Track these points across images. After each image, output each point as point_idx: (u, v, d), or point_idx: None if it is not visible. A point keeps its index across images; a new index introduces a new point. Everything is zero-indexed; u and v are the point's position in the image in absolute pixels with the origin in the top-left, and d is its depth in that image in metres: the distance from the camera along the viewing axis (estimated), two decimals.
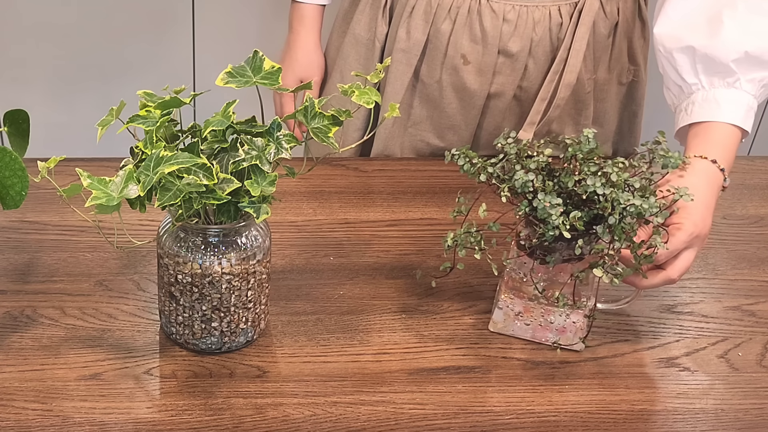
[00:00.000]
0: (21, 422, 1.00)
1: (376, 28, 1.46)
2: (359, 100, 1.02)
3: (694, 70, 1.22)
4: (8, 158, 0.99)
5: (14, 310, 1.14)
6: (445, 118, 1.49)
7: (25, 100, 2.16)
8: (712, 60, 1.21)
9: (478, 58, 1.42)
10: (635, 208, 1.01)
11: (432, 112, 1.49)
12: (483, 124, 1.51)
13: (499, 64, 1.43)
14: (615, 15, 1.44)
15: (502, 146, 1.09)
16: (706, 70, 1.22)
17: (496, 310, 1.14)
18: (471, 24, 1.41)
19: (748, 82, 1.20)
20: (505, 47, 1.41)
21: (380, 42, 1.47)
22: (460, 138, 1.51)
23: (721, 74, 1.21)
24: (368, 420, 1.03)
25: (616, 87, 1.52)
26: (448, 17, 1.41)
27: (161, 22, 2.27)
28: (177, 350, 1.09)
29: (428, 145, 1.53)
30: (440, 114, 1.49)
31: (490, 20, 1.40)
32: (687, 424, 1.05)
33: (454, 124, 1.50)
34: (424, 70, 1.46)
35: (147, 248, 1.22)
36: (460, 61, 1.43)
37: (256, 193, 0.96)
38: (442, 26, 1.42)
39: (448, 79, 1.45)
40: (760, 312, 1.21)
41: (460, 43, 1.42)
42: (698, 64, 1.22)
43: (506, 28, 1.40)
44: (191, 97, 1.01)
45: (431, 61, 1.45)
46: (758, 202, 1.43)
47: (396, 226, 1.33)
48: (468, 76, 1.44)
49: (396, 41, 1.44)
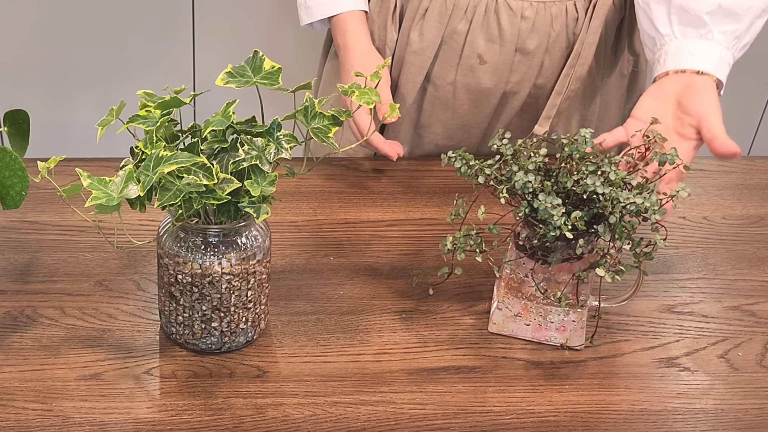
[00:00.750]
0: (21, 422, 1.00)
1: (386, 35, 1.45)
2: (359, 100, 1.02)
3: (669, 21, 1.25)
4: (8, 158, 0.99)
5: (14, 310, 1.14)
6: (457, 119, 1.49)
7: (25, 100, 2.16)
8: (686, 12, 1.24)
9: (494, 57, 1.42)
10: (636, 207, 1.01)
11: (443, 114, 1.49)
12: (495, 123, 1.50)
13: (516, 63, 1.42)
14: (623, 6, 1.44)
15: (497, 147, 1.09)
16: (681, 21, 1.24)
17: (495, 311, 1.14)
18: (488, 23, 1.40)
19: (720, 34, 1.23)
20: (522, 45, 1.41)
21: (390, 48, 1.46)
22: (470, 137, 1.51)
23: (694, 25, 1.24)
24: (368, 420, 1.03)
25: (618, 80, 1.52)
26: (465, 17, 1.40)
27: (161, 22, 2.27)
28: (177, 350, 1.09)
29: (437, 146, 1.52)
30: (451, 115, 1.48)
31: (508, 18, 1.39)
32: (687, 424, 1.05)
33: (464, 124, 1.49)
34: (437, 72, 1.45)
35: (147, 248, 1.22)
36: (476, 61, 1.42)
37: (256, 193, 0.96)
38: (459, 26, 1.41)
39: (462, 80, 1.44)
40: (760, 312, 1.21)
41: (477, 42, 1.41)
42: (673, 15, 1.25)
43: (524, 26, 1.40)
44: (191, 97, 1.01)
45: (445, 63, 1.44)
46: (758, 202, 1.43)
47: (396, 226, 1.33)
48: (483, 76, 1.43)
49: (408, 44, 1.43)
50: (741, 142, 1.21)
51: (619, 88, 1.53)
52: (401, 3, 1.44)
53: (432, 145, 1.52)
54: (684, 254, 1.31)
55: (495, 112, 1.48)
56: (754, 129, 2.49)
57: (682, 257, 1.30)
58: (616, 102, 1.54)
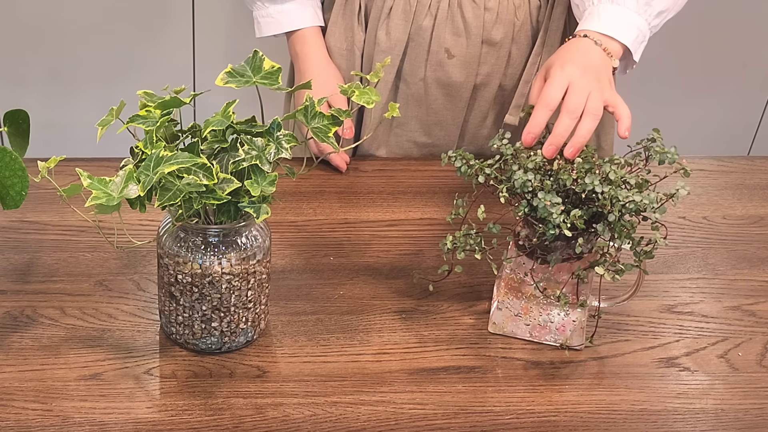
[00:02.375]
0: (21, 422, 1.00)
1: (353, 36, 1.46)
2: (359, 100, 1.02)
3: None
4: (8, 158, 0.99)
5: (14, 310, 1.14)
6: (432, 114, 1.49)
7: (25, 100, 2.16)
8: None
9: (462, 51, 1.43)
10: (635, 205, 1.01)
11: (417, 110, 1.49)
12: (469, 118, 1.51)
13: (483, 54, 1.44)
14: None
15: (497, 147, 1.09)
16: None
17: (495, 311, 1.14)
18: (453, 17, 1.41)
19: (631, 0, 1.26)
20: (488, 36, 1.42)
21: (359, 49, 1.46)
22: (447, 133, 1.51)
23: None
24: (368, 420, 1.03)
25: None
26: (429, 13, 1.42)
27: (161, 22, 2.27)
28: (177, 350, 1.09)
29: (415, 143, 1.52)
30: (426, 111, 1.49)
31: (472, 11, 1.41)
32: (687, 424, 1.05)
33: (440, 120, 1.50)
34: (407, 69, 1.46)
35: (147, 248, 1.22)
36: (444, 56, 1.43)
37: (256, 193, 0.96)
38: (424, 23, 1.42)
39: (432, 75, 1.45)
40: (760, 312, 1.21)
41: (443, 37, 1.42)
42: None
43: (488, 17, 1.41)
44: (191, 97, 1.01)
45: (414, 59, 1.45)
46: (758, 202, 1.43)
47: (396, 226, 1.33)
48: (453, 70, 1.44)
49: (376, 44, 1.44)
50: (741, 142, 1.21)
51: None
52: (365, 3, 1.45)
53: (410, 143, 1.52)
54: (684, 254, 1.31)
55: (468, 106, 1.49)
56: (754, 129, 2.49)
57: (682, 257, 1.30)
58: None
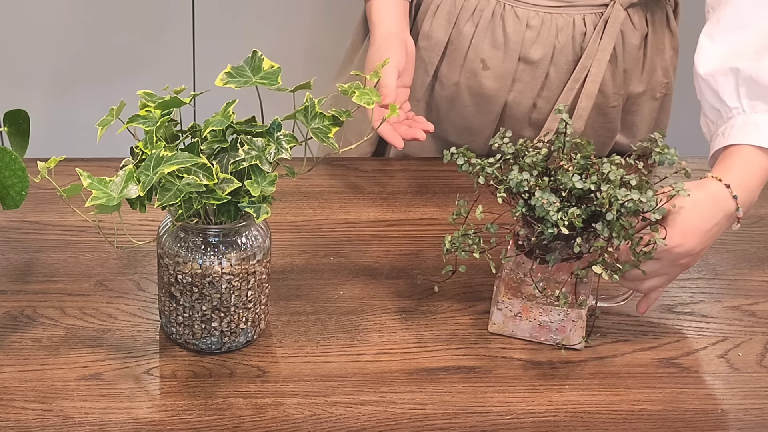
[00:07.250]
0: (21, 422, 1.00)
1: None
2: (359, 100, 1.02)
3: (737, 94, 1.16)
4: (8, 158, 0.99)
5: (14, 310, 1.14)
6: (462, 120, 1.48)
7: (25, 100, 2.16)
8: (756, 83, 1.15)
9: (497, 64, 1.41)
10: (633, 203, 1.01)
11: (449, 113, 1.48)
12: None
13: (519, 71, 1.41)
14: (644, 26, 1.41)
15: (498, 146, 1.09)
16: (749, 94, 1.15)
17: (495, 311, 1.14)
18: (494, 28, 1.39)
19: None
20: (526, 54, 1.40)
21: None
22: (476, 140, 1.49)
23: (765, 98, 1.15)
24: (368, 420, 1.03)
25: (649, 102, 1.49)
26: (471, 20, 1.40)
27: (161, 22, 2.27)
28: (177, 350, 1.09)
29: (447, 143, 1.50)
30: (457, 115, 1.48)
31: (513, 25, 1.38)
32: (687, 424, 1.05)
33: (470, 126, 1.48)
34: (444, 71, 1.45)
35: (147, 248, 1.22)
36: (480, 66, 1.42)
37: (256, 193, 0.96)
38: (464, 28, 1.40)
39: (465, 82, 1.44)
40: (760, 312, 1.21)
41: (481, 47, 1.40)
42: (741, 87, 1.16)
43: (529, 35, 1.38)
44: (191, 97, 1.01)
45: (451, 63, 1.44)
46: (758, 202, 1.43)
47: (396, 226, 1.33)
48: (486, 82, 1.42)
49: (419, 37, 1.43)
50: None
51: (650, 111, 1.50)
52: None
53: (443, 141, 1.50)
54: None
55: (500, 120, 1.47)
56: None
57: None
58: (645, 123, 1.50)
